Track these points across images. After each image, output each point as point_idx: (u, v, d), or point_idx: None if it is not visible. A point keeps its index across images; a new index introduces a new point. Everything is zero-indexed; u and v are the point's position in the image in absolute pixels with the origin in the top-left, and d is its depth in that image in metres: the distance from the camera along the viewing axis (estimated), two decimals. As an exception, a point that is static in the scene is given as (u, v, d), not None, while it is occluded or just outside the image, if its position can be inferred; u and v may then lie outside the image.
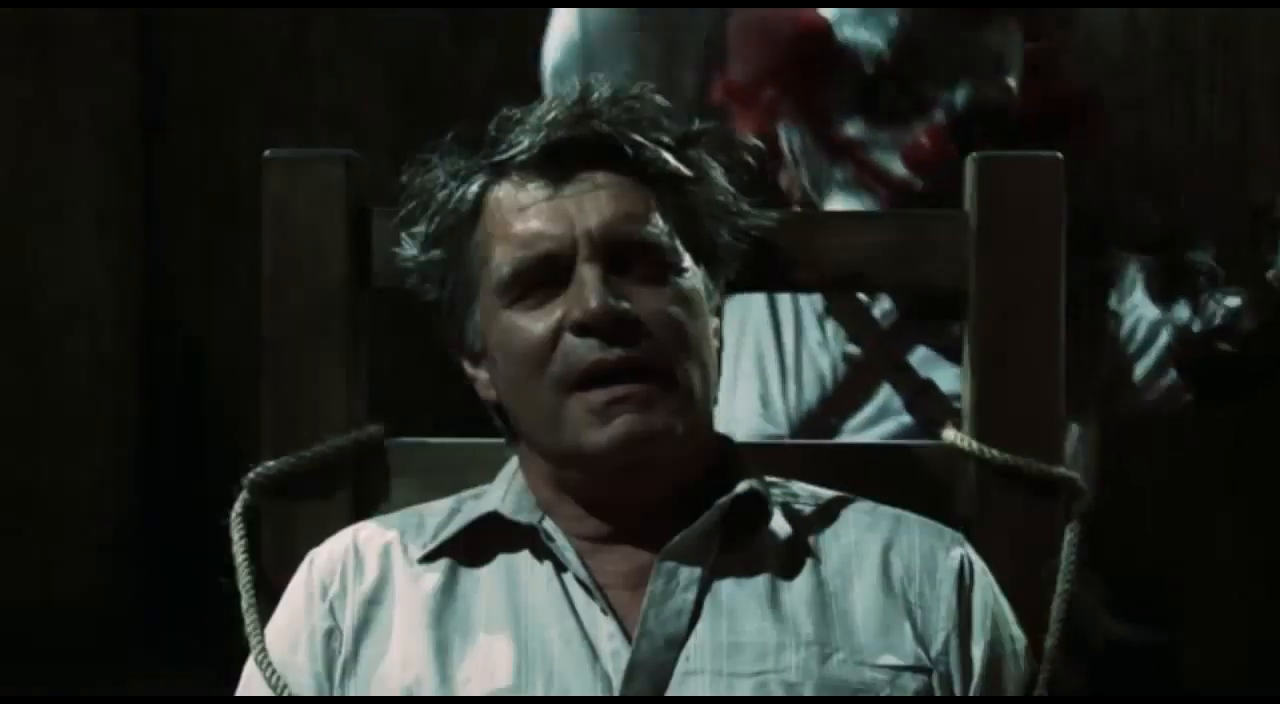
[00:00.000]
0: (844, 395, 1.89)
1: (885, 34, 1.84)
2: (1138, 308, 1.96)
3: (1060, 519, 1.47)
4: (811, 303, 1.93)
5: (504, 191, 1.36)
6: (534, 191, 1.34)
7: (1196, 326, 1.94)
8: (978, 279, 1.50)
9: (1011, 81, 1.87)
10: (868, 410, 1.88)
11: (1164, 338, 1.96)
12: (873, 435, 1.87)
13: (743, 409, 1.91)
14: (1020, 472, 1.47)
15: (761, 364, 1.91)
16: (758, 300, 1.91)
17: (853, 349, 1.90)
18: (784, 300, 1.94)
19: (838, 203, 1.87)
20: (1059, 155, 1.51)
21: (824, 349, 1.91)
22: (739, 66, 1.93)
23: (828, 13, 1.88)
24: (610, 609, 1.31)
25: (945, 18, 1.85)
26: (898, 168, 1.84)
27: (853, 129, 1.86)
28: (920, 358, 1.90)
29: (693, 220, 1.38)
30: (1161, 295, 1.96)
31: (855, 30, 1.86)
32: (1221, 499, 2.59)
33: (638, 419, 1.29)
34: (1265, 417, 2.40)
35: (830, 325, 1.92)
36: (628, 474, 1.32)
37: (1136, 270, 1.98)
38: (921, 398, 1.86)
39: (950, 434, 1.50)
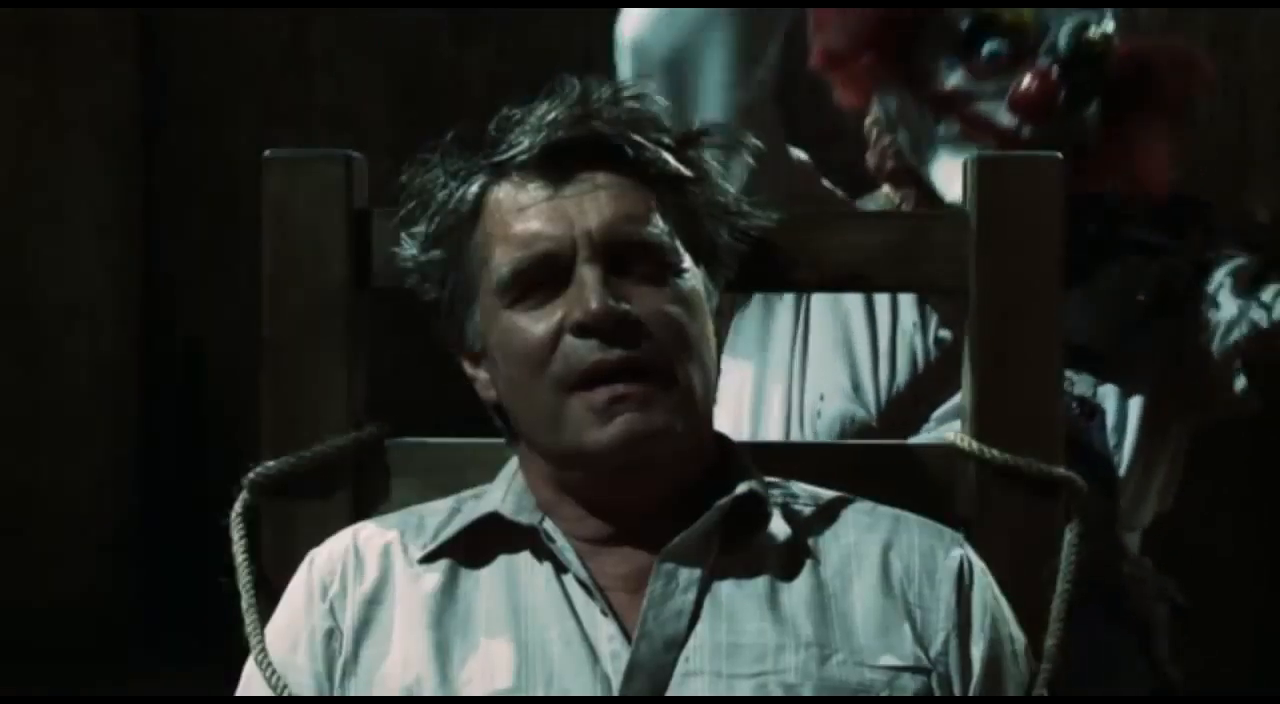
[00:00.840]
0: (935, 381, 1.87)
1: None
2: (1221, 307, 1.92)
3: (1060, 519, 1.47)
4: None
5: (504, 192, 1.36)
6: (534, 192, 1.34)
7: (1265, 324, 1.90)
8: (978, 279, 1.50)
9: (1111, 26, 1.86)
10: (957, 398, 1.88)
11: (1236, 335, 1.92)
12: (959, 425, 1.88)
13: (778, 409, 1.90)
14: (1020, 472, 1.47)
15: (850, 345, 1.89)
16: None
17: (946, 334, 1.89)
18: None
19: (944, 160, 1.86)
20: (1059, 155, 1.51)
21: (919, 332, 1.90)
22: (832, 35, 1.90)
23: None
24: (610, 610, 1.31)
25: None
26: (1004, 117, 1.83)
27: (954, 81, 1.84)
28: None
29: (693, 221, 1.38)
30: (1243, 293, 1.92)
31: None
32: (1224, 498, 2.60)
33: (638, 418, 1.29)
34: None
35: (927, 308, 1.91)
36: (628, 473, 1.32)
37: (1226, 272, 1.94)
38: None
39: (950, 434, 1.51)
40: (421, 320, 1.44)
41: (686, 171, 1.37)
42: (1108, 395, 1.92)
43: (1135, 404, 1.94)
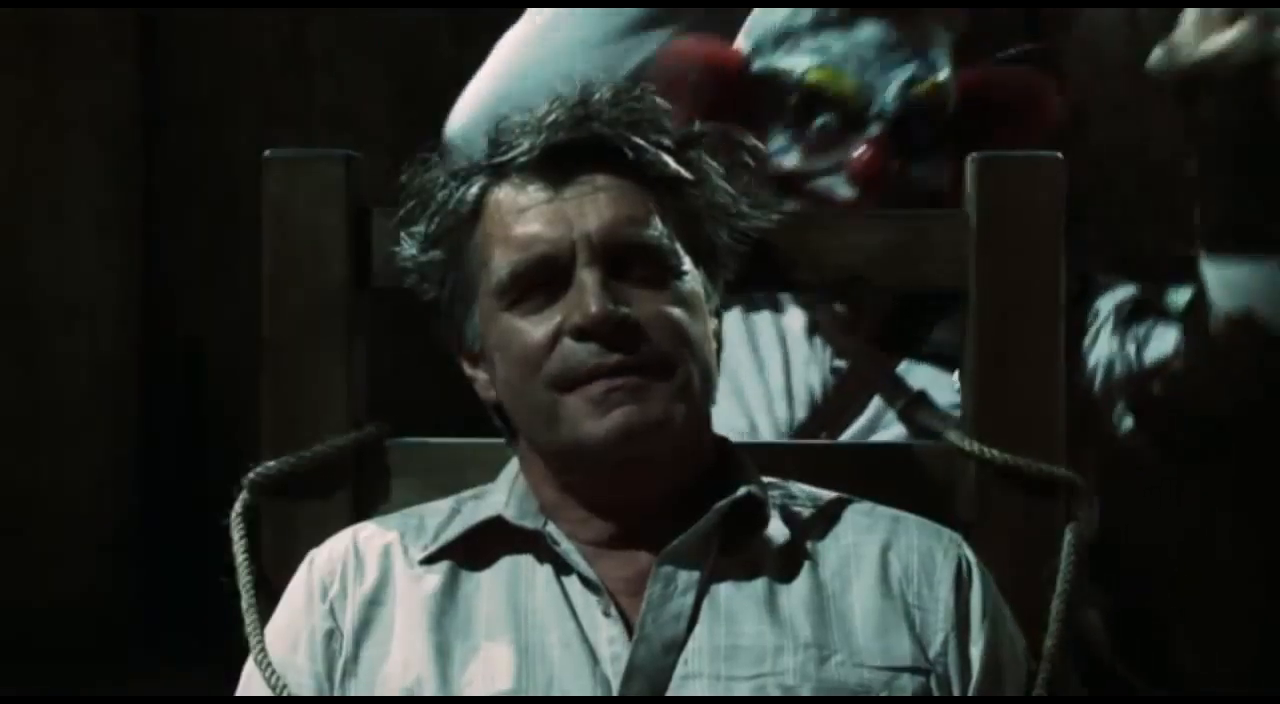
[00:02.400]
0: (835, 410, 1.87)
1: (809, 57, 1.80)
2: (1099, 343, 1.81)
3: (1060, 519, 1.47)
4: (792, 320, 1.90)
5: (504, 193, 1.36)
6: (534, 194, 1.34)
7: (1134, 366, 1.77)
8: (978, 279, 1.50)
9: (943, 77, 1.81)
10: (860, 423, 1.87)
11: (1114, 375, 1.79)
12: None
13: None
14: (1020, 472, 1.47)
15: (740, 390, 1.86)
16: (733, 333, 1.83)
17: (841, 363, 1.88)
18: (762, 324, 1.90)
19: None
20: (1059, 155, 1.52)
21: (813, 365, 1.89)
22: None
23: (744, 42, 1.84)
24: (610, 612, 1.31)
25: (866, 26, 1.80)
26: (843, 190, 1.79)
27: (789, 161, 1.83)
28: (907, 367, 1.87)
29: (693, 223, 1.38)
30: (1120, 329, 1.80)
31: (775, 57, 1.82)
32: (1222, 500, 2.60)
33: (635, 410, 1.29)
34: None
35: (817, 341, 1.90)
36: (627, 469, 1.32)
37: (1109, 306, 1.83)
38: (913, 407, 1.83)
39: (950, 434, 1.51)
40: (421, 320, 1.44)
41: (686, 174, 1.37)
42: None
43: None
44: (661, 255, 1.34)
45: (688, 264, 1.36)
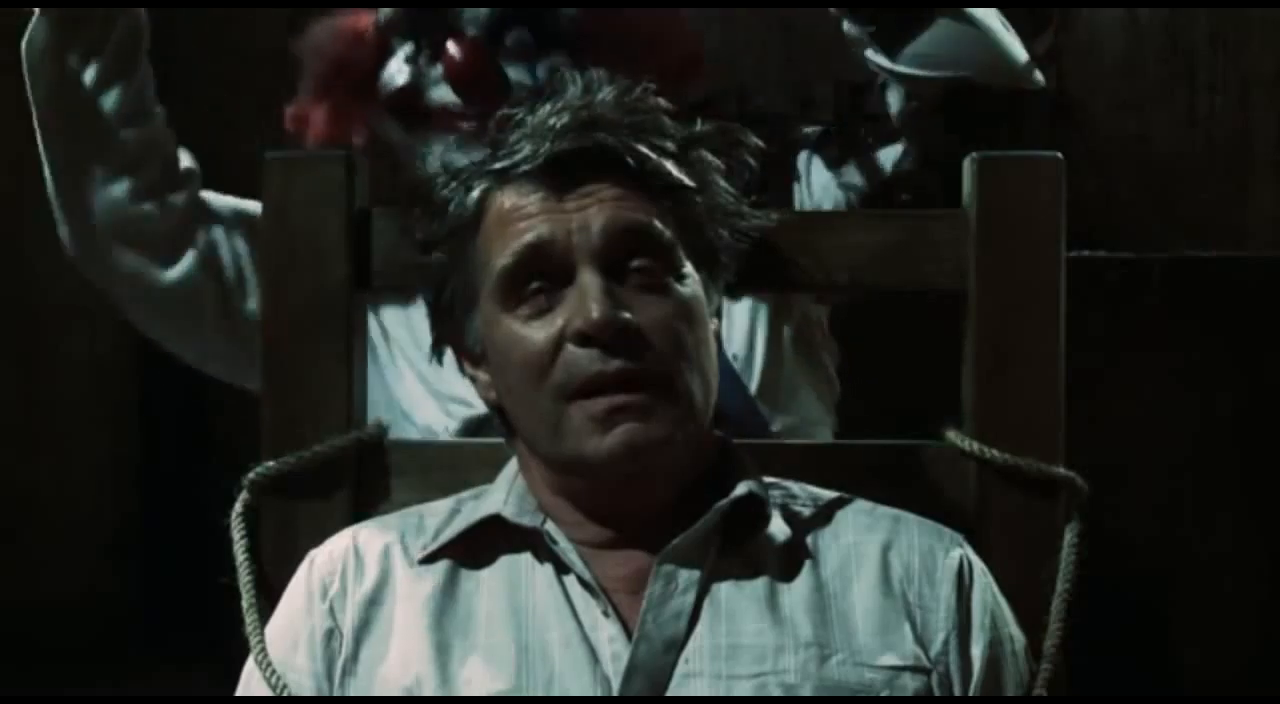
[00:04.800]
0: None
1: None
2: (814, 184, 1.95)
3: (1060, 519, 1.47)
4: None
5: (506, 198, 1.36)
6: (536, 200, 1.34)
7: (866, 186, 1.93)
8: (978, 279, 1.50)
9: None
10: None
11: (842, 201, 1.96)
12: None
13: None
14: (1020, 472, 1.47)
15: None
16: None
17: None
18: None
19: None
20: (1059, 155, 1.52)
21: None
22: (300, 94, 1.96)
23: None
24: (611, 612, 1.31)
25: None
26: (448, 95, 1.85)
27: (400, 80, 1.88)
28: None
29: (694, 226, 1.38)
30: (834, 163, 1.96)
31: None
32: (1222, 495, 2.59)
33: (638, 429, 1.29)
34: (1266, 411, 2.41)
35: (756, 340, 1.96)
36: (628, 482, 1.32)
37: (809, 154, 1.98)
38: None
39: (950, 434, 1.51)
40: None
41: (688, 181, 1.37)
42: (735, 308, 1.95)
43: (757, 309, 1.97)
44: (663, 260, 1.34)
45: (689, 268, 1.36)
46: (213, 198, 1.93)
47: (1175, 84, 2.74)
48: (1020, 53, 1.89)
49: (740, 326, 1.95)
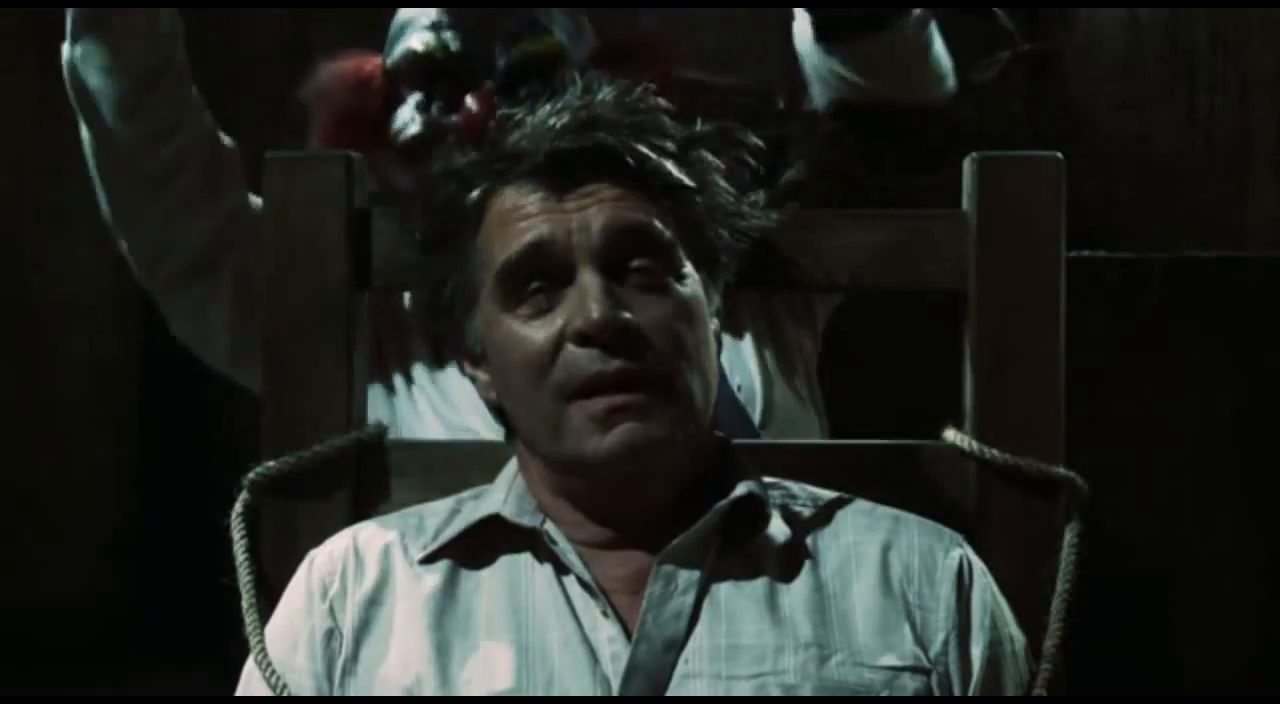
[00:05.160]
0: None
1: (425, 38, 1.89)
2: None
3: (1060, 519, 1.47)
4: None
5: (507, 198, 1.36)
6: (537, 200, 1.34)
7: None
8: (978, 279, 1.50)
9: (558, 37, 1.89)
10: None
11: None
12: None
13: None
14: (1020, 472, 1.47)
15: None
16: None
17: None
18: None
19: None
20: (1059, 155, 1.52)
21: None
22: (308, 140, 1.96)
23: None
24: (610, 612, 1.31)
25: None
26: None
27: (412, 130, 1.89)
28: None
29: (694, 227, 1.38)
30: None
31: (399, 46, 1.92)
32: (1222, 495, 2.59)
33: (637, 429, 1.29)
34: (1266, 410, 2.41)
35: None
36: (628, 482, 1.32)
37: None
38: None
39: (950, 434, 1.51)
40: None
41: (689, 181, 1.37)
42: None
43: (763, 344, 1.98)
44: (663, 261, 1.34)
45: (689, 268, 1.36)
46: (252, 200, 1.93)
47: (1175, 84, 2.75)
48: (951, 82, 1.89)
49: (748, 358, 1.95)
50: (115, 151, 1.84)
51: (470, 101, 1.86)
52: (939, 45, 1.87)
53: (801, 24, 1.86)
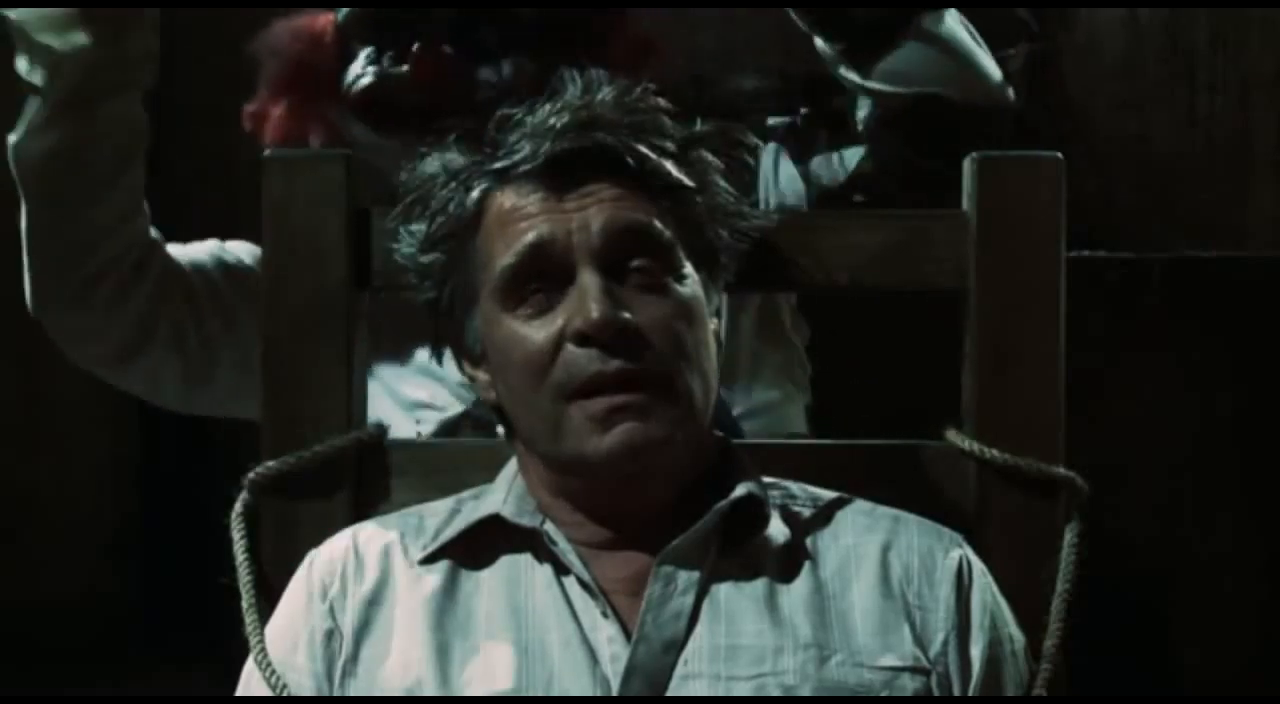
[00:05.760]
0: None
1: None
2: (781, 175, 1.97)
3: (1060, 519, 1.47)
4: None
5: (506, 198, 1.36)
6: (536, 200, 1.34)
7: (829, 181, 1.96)
8: (978, 279, 1.50)
9: None
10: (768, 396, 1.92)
11: (803, 194, 1.98)
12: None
13: None
14: (1020, 472, 1.47)
15: None
16: None
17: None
18: None
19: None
20: (1059, 155, 1.52)
21: None
22: (259, 93, 1.96)
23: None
24: (610, 613, 1.31)
25: None
26: (414, 96, 1.86)
27: (365, 81, 1.88)
28: None
29: (694, 227, 1.38)
30: (799, 156, 1.99)
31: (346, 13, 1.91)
32: (1222, 495, 2.60)
33: (637, 428, 1.29)
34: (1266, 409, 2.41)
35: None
36: (628, 482, 1.32)
37: (777, 146, 2.00)
38: None
39: (950, 434, 1.51)
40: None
41: (688, 181, 1.37)
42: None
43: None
44: (663, 260, 1.34)
45: (688, 268, 1.36)
46: (175, 260, 1.90)
47: (1175, 84, 2.74)
48: (992, 70, 1.90)
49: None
50: (70, 236, 1.80)
51: (419, 51, 1.85)
52: (964, 36, 1.87)
53: (824, 47, 1.87)
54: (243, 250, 1.94)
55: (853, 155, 1.97)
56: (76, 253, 1.81)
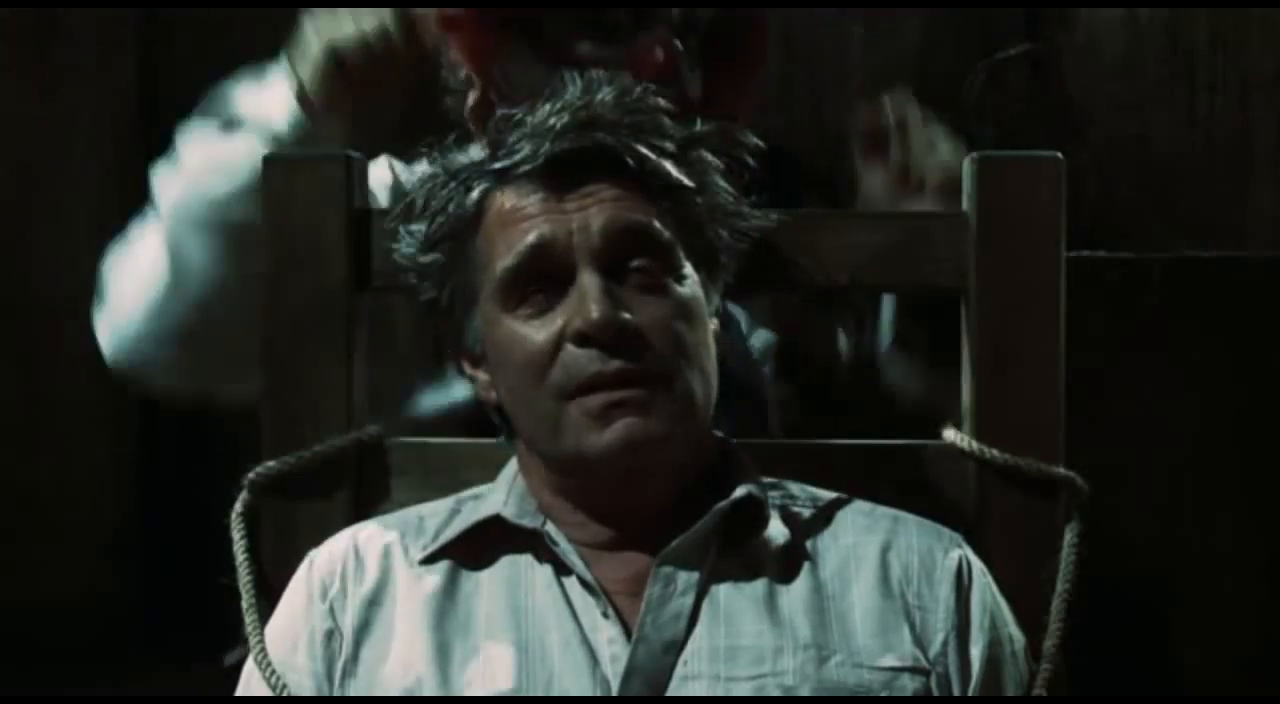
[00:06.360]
0: None
1: None
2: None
3: (1060, 519, 1.47)
4: None
5: (506, 199, 1.36)
6: (536, 200, 1.34)
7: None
8: (978, 279, 1.50)
9: None
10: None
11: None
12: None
13: None
14: (1020, 472, 1.47)
15: None
16: None
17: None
18: None
19: None
20: (1059, 155, 1.52)
21: None
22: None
23: None
24: (611, 613, 1.31)
25: None
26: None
27: (583, 49, 1.85)
28: None
29: (694, 227, 1.38)
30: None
31: None
32: (1222, 495, 2.60)
33: (637, 423, 1.29)
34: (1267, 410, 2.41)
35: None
36: (628, 479, 1.32)
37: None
38: None
39: (950, 434, 1.51)
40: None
41: (688, 181, 1.37)
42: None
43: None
44: (662, 260, 1.34)
45: (688, 269, 1.36)
46: None
47: (1175, 84, 2.74)
48: None
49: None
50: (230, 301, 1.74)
51: (654, 49, 1.77)
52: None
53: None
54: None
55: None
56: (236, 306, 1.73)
